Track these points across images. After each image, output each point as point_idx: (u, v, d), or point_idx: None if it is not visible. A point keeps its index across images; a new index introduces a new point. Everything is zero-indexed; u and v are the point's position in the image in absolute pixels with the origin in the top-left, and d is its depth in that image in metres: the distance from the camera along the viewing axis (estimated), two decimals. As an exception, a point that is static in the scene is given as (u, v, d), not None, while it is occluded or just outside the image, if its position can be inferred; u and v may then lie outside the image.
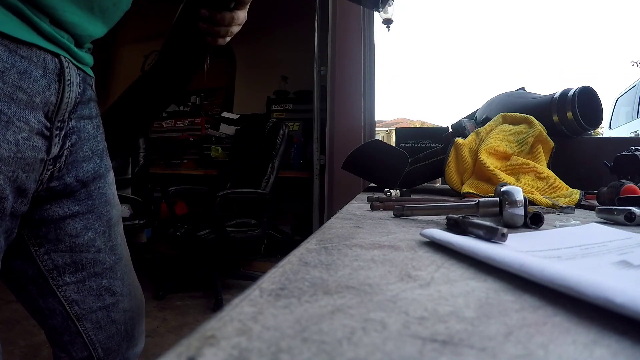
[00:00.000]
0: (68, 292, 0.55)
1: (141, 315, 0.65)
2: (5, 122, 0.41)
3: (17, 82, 0.42)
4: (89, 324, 0.57)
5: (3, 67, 0.41)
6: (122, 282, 0.60)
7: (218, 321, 0.15)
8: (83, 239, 0.55)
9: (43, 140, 0.46)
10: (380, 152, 0.90)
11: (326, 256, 0.26)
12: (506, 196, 0.40)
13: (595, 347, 0.14)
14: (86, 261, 0.56)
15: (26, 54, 0.43)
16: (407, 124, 15.63)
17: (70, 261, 0.55)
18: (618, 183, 0.57)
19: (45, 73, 0.45)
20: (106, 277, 0.58)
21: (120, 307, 0.59)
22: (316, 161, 2.24)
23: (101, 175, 0.57)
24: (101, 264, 0.57)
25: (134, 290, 0.63)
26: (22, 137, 0.43)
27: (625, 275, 0.21)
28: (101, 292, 0.57)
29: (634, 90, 4.76)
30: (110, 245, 0.58)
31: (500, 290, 0.20)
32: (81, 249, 0.55)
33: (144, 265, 2.59)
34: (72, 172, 0.53)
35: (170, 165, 3.22)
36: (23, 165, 0.44)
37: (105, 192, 0.58)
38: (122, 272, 0.60)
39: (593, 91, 0.92)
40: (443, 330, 0.15)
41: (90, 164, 0.55)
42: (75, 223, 0.54)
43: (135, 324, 0.63)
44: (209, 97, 3.45)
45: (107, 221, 0.58)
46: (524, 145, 0.79)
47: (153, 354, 1.47)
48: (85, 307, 0.56)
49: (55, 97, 0.47)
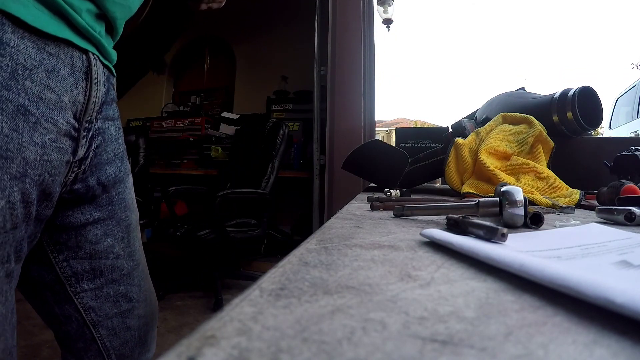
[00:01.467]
0: (85, 299, 0.54)
1: (155, 321, 0.64)
2: (33, 123, 0.40)
3: (45, 80, 0.40)
4: (104, 331, 0.56)
5: (31, 64, 0.39)
6: (139, 289, 0.59)
7: (218, 321, 0.15)
8: (102, 245, 0.54)
9: (70, 141, 0.45)
10: (380, 152, 0.90)
11: (326, 256, 0.26)
12: (506, 196, 0.40)
13: (595, 347, 0.14)
14: (105, 268, 0.54)
15: (54, 51, 0.41)
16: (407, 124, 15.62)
17: (89, 268, 0.53)
18: (618, 183, 0.57)
19: (72, 71, 0.43)
20: (123, 284, 0.57)
21: (136, 313, 0.58)
22: (316, 161, 2.24)
23: (122, 179, 0.56)
24: (119, 270, 0.56)
25: (150, 296, 0.62)
26: (49, 138, 0.42)
27: (625, 275, 0.21)
28: (118, 298, 0.56)
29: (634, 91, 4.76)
30: (128, 251, 0.57)
31: (500, 290, 0.20)
32: (100, 256, 0.54)
33: (144, 265, 2.59)
34: (95, 174, 0.51)
35: (170, 165, 3.22)
36: (50, 169, 0.43)
37: (125, 197, 0.57)
38: (139, 278, 0.59)
39: (593, 91, 0.92)
40: (443, 330, 0.15)
41: (112, 167, 0.54)
42: (96, 230, 0.53)
43: (149, 330, 0.62)
44: (209, 97, 3.46)
45: (126, 227, 0.57)
46: (524, 145, 0.79)
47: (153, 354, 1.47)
48: (101, 313, 0.55)
49: (83, 96, 0.45)
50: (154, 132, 3.24)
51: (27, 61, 0.39)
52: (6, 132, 0.38)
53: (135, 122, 3.48)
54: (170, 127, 3.23)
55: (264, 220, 2.07)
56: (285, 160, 2.35)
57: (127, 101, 3.65)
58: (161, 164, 3.26)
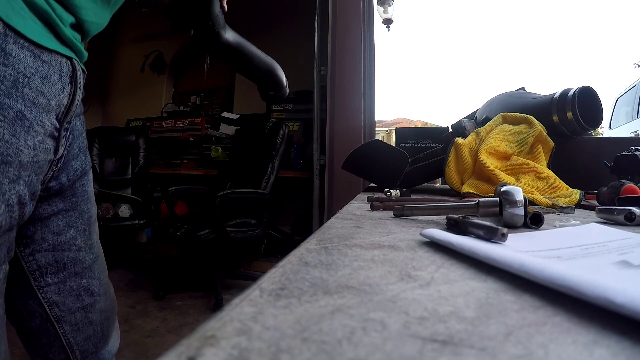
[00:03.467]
0: (49, 293, 0.55)
1: (115, 314, 0.65)
2: (27, 127, 0.42)
3: (40, 87, 0.43)
4: (67, 326, 0.56)
5: (30, 72, 0.42)
6: (99, 282, 0.60)
7: (218, 321, 0.15)
8: (65, 236, 0.55)
9: (53, 141, 0.47)
10: (380, 152, 0.90)
11: (326, 256, 0.26)
12: (506, 196, 0.40)
13: (595, 347, 0.14)
14: (67, 260, 0.56)
15: (47, 59, 0.44)
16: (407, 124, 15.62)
17: (52, 260, 0.54)
18: (618, 183, 0.57)
19: (60, 76, 0.46)
20: (85, 277, 0.58)
21: (97, 307, 0.60)
22: (316, 161, 2.23)
23: (85, 172, 0.58)
24: (81, 263, 0.57)
25: (109, 290, 0.63)
26: (38, 140, 0.44)
27: (625, 275, 0.21)
28: (80, 292, 0.57)
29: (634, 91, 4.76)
30: (89, 243, 0.59)
31: (500, 290, 0.20)
32: (63, 247, 0.55)
33: (144, 265, 2.59)
34: (65, 171, 0.53)
35: (170, 165, 3.22)
36: (36, 169, 0.45)
37: (87, 189, 0.59)
38: (98, 270, 0.61)
39: (593, 91, 0.92)
40: (443, 330, 0.15)
41: (77, 162, 0.55)
42: (59, 220, 0.54)
43: (110, 323, 0.63)
44: (209, 97, 3.46)
45: (87, 219, 0.58)
46: (524, 145, 0.79)
47: (153, 354, 1.47)
48: (64, 308, 0.56)
49: (67, 99, 0.48)
50: (154, 132, 3.24)
51: (27, 69, 0.41)
52: (7, 138, 0.40)
53: (135, 122, 3.48)
54: (170, 127, 3.23)
55: (264, 220, 2.06)
56: (285, 160, 2.35)
57: (127, 101, 3.66)
58: (161, 164, 3.26)
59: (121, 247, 2.72)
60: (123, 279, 2.33)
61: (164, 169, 3.14)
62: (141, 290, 2.15)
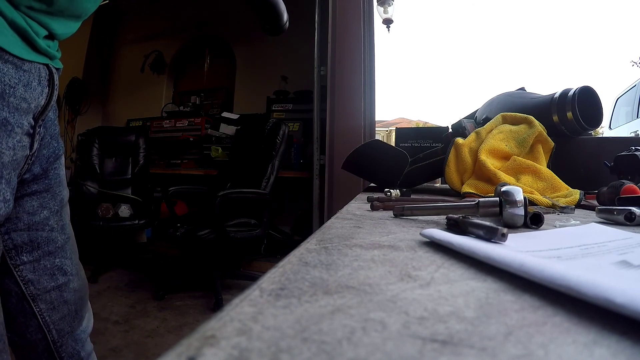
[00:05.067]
0: (25, 271, 0.57)
1: (86, 294, 0.68)
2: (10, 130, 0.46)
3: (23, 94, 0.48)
4: (43, 305, 0.59)
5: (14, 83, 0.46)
6: (71, 262, 0.63)
7: (218, 321, 0.15)
8: (39, 217, 0.58)
9: (29, 138, 0.51)
10: (380, 152, 0.90)
11: (326, 256, 0.26)
12: (506, 196, 0.40)
13: (595, 347, 0.14)
14: (41, 240, 0.58)
15: (28, 68, 0.49)
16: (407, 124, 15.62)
17: (27, 240, 0.57)
18: (618, 183, 0.57)
19: (40, 81, 0.51)
20: (58, 256, 0.60)
21: (71, 286, 0.62)
22: (316, 161, 2.24)
23: (58, 157, 0.61)
24: (54, 242, 0.60)
25: (80, 271, 0.66)
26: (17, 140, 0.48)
27: (625, 275, 0.21)
28: (54, 271, 0.60)
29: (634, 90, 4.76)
30: (61, 224, 0.61)
31: (500, 290, 0.20)
32: (37, 227, 0.58)
33: (144, 265, 2.59)
34: (37, 162, 0.56)
35: (170, 165, 3.22)
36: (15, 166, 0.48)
37: (59, 172, 0.61)
38: (70, 251, 0.63)
39: (593, 91, 0.92)
40: (443, 330, 0.15)
41: (50, 149, 0.58)
42: (33, 201, 0.57)
43: (83, 304, 0.66)
44: (209, 97, 3.45)
45: (60, 201, 0.61)
46: (524, 145, 0.79)
47: (153, 354, 1.47)
48: (40, 287, 0.58)
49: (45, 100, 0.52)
50: (154, 132, 3.24)
51: (11, 80, 0.46)
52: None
53: (135, 122, 3.49)
54: (170, 127, 3.23)
55: (264, 220, 2.06)
56: (285, 160, 2.35)
57: (127, 101, 3.66)
58: (161, 164, 3.26)
59: (121, 247, 2.72)
60: (123, 279, 2.33)
61: (164, 169, 3.14)
62: (141, 290, 2.15)
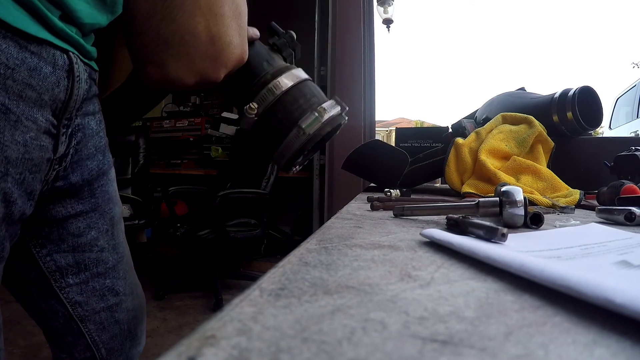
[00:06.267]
0: (71, 294, 0.54)
1: (143, 313, 0.64)
2: (14, 121, 0.40)
3: (27, 79, 0.40)
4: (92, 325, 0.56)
5: (13, 64, 0.39)
6: (124, 282, 0.59)
7: (218, 321, 0.15)
8: (86, 238, 0.54)
9: (50, 139, 0.45)
10: (380, 152, 0.90)
11: (326, 256, 0.26)
12: (506, 196, 0.40)
13: (595, 347, 0.14)
14: (89, 261, 0.55)
15: (36, 50, 0.41)
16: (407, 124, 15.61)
17: (73, 262, 0.53)
18: (618, 183, 0.57)
19: (54, 69, 0.43)
20: (109, 277, 0.57)
21: (124, 306, 0.59)
22: (316, 161, 2.24)
23: (104, 172, 0.56)
24: (104, 263, 0.56)
25: (136, 289, 0.62)
26: (30, 136, 0.42)
27: (625, 275, 0.21)
28: (104, 292, 0.56)
29: (634, 90, 4.76)
30: (113, 243, 0.58)
31: (500, 290, 0.20)
32: (84, 249, 0.54)
33: (144, 265, 2.59)
34: (77, 171, 0.51)
35: (170, 165, 3.22)
36: (30, 167, 0.43)
37: (108, 189, 0.57)
38: (124, 270, 0.60)
39: (593, 91, 0.92)
40: (443, 330, 0.15)
41: (94, 162, 0.54)
42: (79, 222, 0.53)
43: (138, 323, 0.62)
44: (209, 97, 3.45)
45: (110, 219, 0.57)
46: (524, 145, 0.79)
47: (153, 354, 1.47)
48: (88, 308, 0.55)
49: (64, 94, 0.45)
50: (154, 132, 3.24)
51: (10, 60, 0.38)
52: None
53: (135, 122, 3.48)
54: (170, 127, 3.23)
55: (264, 220, 2.06)
56: (285, 160, 2.34)
57: (127, 101, 3.66)
58: (161, 164, 3.26)
59: (121, 247, 2.71)
60: (123, 279, 2.33)
61: (164, 169, 3.13)
62: (141, 290, 2.15)
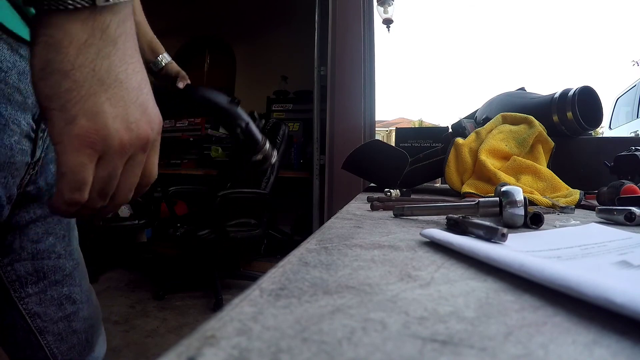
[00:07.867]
0: (30, 304, 0.52)
1: (99, 321, 0.63)
2: (3, 125, 0.39)
3: (17, 83, 0.41)
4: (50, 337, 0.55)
5: (6, 67, 0.39)
6: (80, 289, 0.58)
7: (218, 321, 0.15)
8: (44, 244, 0.53)
9: (29, 143, 0.45)
10: (380, 152, 0.90)
11: (326, 256, 0.26)
12: (506, 196, 0.40)
13: (595, 347, 0.14)
14: (47, 269, 0.53)
15: (25, 54, 0.41)
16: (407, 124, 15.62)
17: (32, 270, 0.52)
18: (618, 183, 0.57)
19: None
20: (66, 285, 0.55)
21: (81, 315, 0.57)
22: (316, 161, 2.24)
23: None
24: (61, 270, 0.55)
25: (91, 296, 0.61)
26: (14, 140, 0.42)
27: (625, 275, 0.21)
28: (62, 301, 0.55)
29: (634, 90, 4.76)
30: (69, 250, 0.56)
31: (500, 290, 0.20)
32: (42, 256, 0.52)
33: (144, 265, 2.59)
34: (43, 175, 0.51)
35: (170, 165, 3.22)
36: (12, 171, 0.42)
37: None
38: (79, 277, 0.58)
39: (593, 91, 0.92)
40: (443, 330, 0.15)
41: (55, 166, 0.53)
42: (37, 227, 0.52)
43: (95, 331, 0.61)
44: (209, 97, 3.45)
45: (66, 224, 0.56)
46: (524, 145, 0.79)
47: (153, 354, 1.47)
48: (47, 319, 0.54)
49: None
50: (154, 132, 3.23)
51: (3, 63, 0.39)
52: None
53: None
54: (170, 127, 3.22)
55: (264, 220, 2.06)
56: (285, 160, 2.35)
57: (127, 101, 3.65)
58: (161, 164, 3.24)
59: (121, 247, 2.72)
60: (123, 279, 2.33)
61: (164, 169, 3.13)
62: (141, 290, 2.15)
